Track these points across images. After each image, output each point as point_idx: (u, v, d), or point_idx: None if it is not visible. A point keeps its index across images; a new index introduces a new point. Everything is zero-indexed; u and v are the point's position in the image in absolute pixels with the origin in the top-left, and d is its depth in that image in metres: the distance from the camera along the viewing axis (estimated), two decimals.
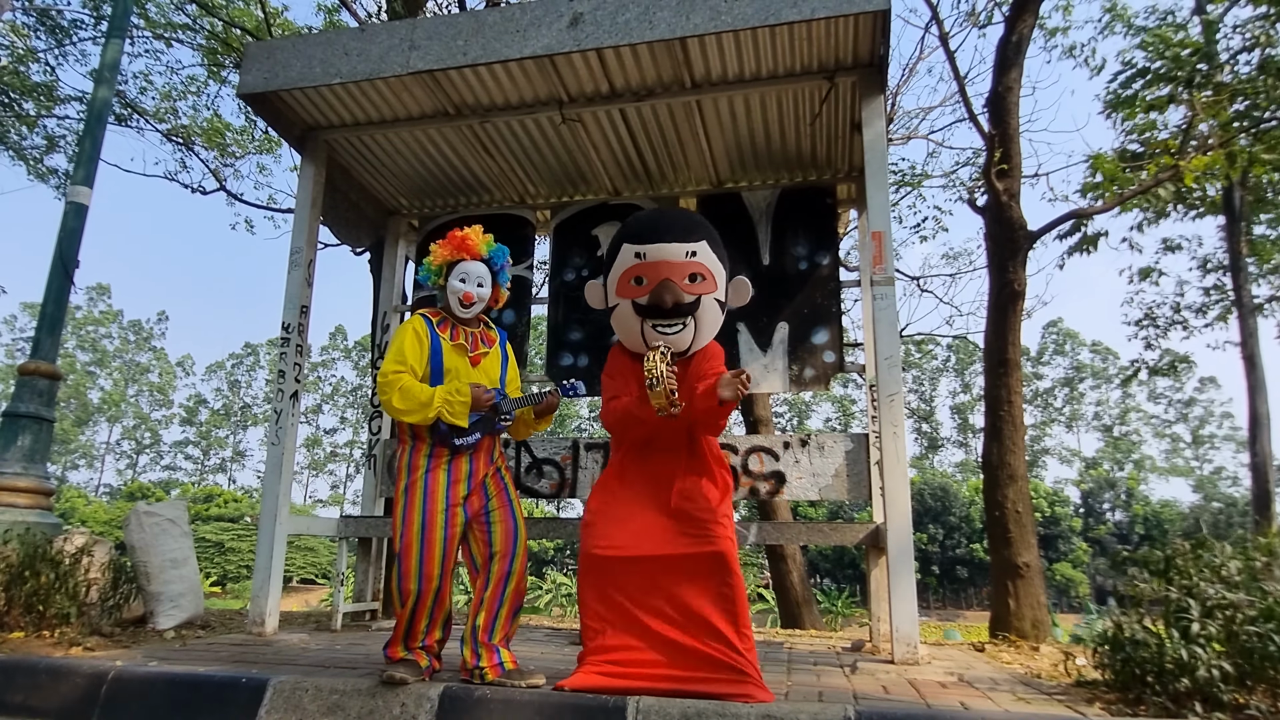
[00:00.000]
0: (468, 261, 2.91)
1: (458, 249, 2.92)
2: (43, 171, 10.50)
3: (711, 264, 2.80)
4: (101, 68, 5.47)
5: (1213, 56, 7.76)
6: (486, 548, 2.81)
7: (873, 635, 4.38)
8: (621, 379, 2.88)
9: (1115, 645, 2.75)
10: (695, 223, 2.87)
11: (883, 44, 3.86)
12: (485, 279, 2.93)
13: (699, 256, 2.77)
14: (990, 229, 6.07)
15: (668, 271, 2.74)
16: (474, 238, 2.94)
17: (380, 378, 2.79)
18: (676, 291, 2.73)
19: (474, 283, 2.91)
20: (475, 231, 2.97)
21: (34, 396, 4.72)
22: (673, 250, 2.75)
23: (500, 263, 2.99)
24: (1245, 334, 10.31)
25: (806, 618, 8.26)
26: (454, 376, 2.85)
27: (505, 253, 3.02)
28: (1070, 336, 53.77)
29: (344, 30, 4.47)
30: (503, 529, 2.84)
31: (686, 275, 2.75)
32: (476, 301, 2.92)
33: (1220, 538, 2.98)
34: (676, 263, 2.74)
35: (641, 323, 2.79)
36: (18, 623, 3.52)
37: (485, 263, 2.94)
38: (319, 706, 2.53)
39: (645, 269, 2.76)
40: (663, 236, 2.77)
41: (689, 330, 2.78)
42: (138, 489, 44.42)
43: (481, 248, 2.94)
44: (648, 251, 2.76)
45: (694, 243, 2.77)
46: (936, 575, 36.31)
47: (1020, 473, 5.55)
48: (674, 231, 2.78)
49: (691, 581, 2.55)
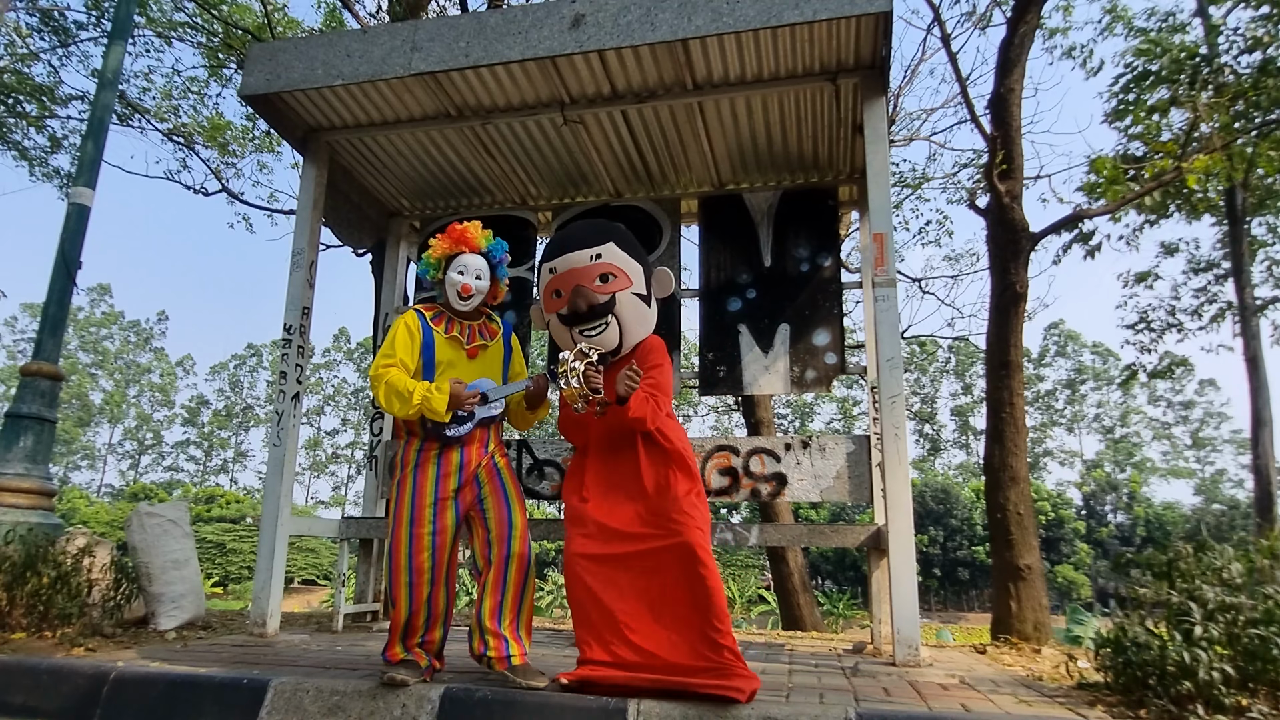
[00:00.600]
0: (466, 254, 2.93)
1: (456, 242, 2.94)
2: (47, 172, 10.53)
3: (621, 261, 2.91)
4: (105, 70, 5.47)
5: (1214, 58, 7.76)
6: (485, 537, 2.81)
7: (874, 637, 4.37)
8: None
9: (1117, 648, 2.75)
10: (599, 228, 2.99)
11: (884, 45, 3.86)
12: (483, 272, 2.95)
13: (605, 256, 2.88)
14: (992, 231, 6.07)
15: (577, 278, 2.87)
16: (473, 231, 2.95)
17: (371, 371, 2.84)
18: (588, 294, 2.85)
19: (472, 275, 2.92)
20: (474, 226, 2.98)
21: (36, 397, 4.72)
22: (578, 257, 2.88)
23: (498, 256, 3.00)
24: (1247, 336, 10.30)
25: (808, 619, 8.26)
26: (447, 369, 2.86)
27: (504, 247, 3.04)
28: (1072, 338, 53.73)
29: (346, 32, 4.47)
30: (496, 515, 2.82)
31: (596, 277, 2.87)
32: (474, 293, 2.93)
33: (1222, 540, 2.98)
34: (583, 268, 2.87)
35: (570, 331, 2.92)
36: (19, 623, 3.53)
37: (484, 256, 2.96)
38: (320, 707, 2.54)
39: (559, 281, 2.92)
40: (568, 248, 2.91)
41: (612, 328, 2.88)
42: (139, 490, 44.49)
43: (480, 241, 2.96)
44: (557, 265, 2.92)
45: (598, 246, 2.89)
46: (938, 577, 36.28)
47: (1022, 475, 5.55)
48: (578, 241, 2.92)
49: (662, 574, 2.57)
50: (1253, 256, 11.07)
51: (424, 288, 5.63)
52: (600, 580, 2.62)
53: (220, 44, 9.28)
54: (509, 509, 2.84)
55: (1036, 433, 51.20)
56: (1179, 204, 9.93)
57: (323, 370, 58.27)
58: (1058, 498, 38.97)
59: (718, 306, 4.99)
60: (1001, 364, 5.74)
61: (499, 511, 2.83)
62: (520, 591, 2.77)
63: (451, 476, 2.80)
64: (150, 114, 9.98)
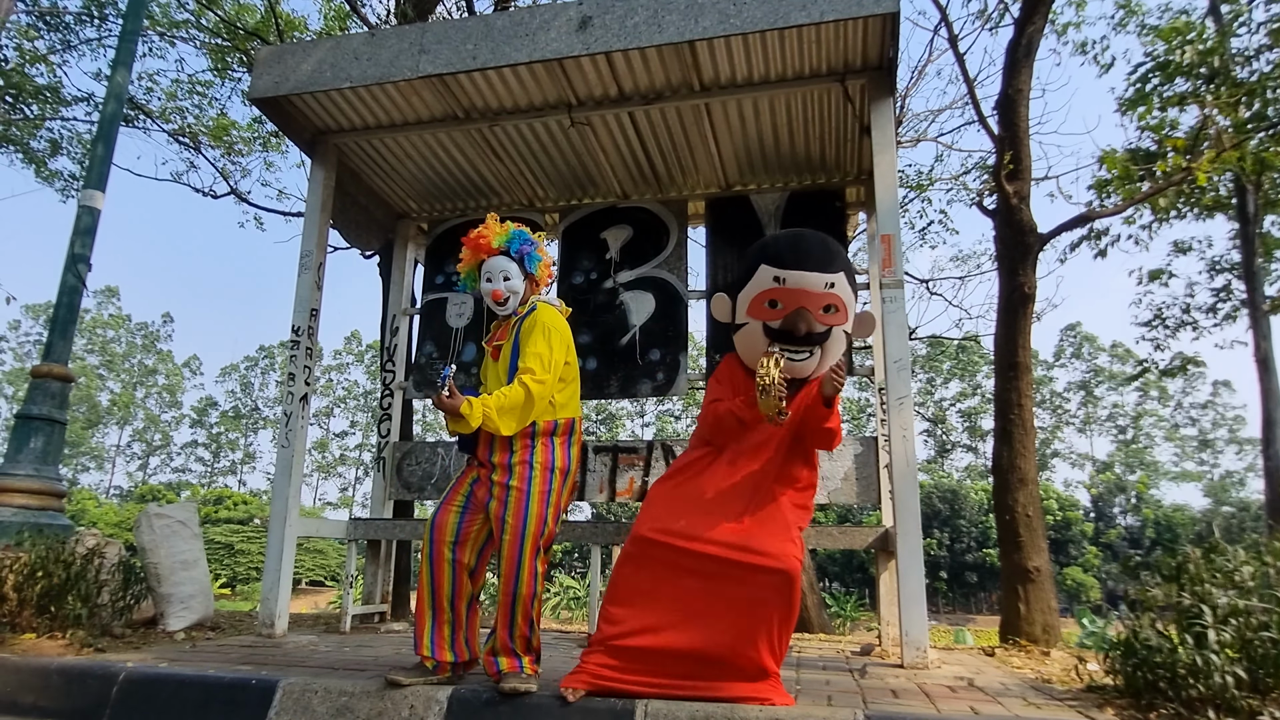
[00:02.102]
0: (486, 260, 2.89)
1: (474, 251, 2.90)
2: (46, 175, 10.61)
3: (847, 297, 2.82)
4: (114, 73, 5.51)
5: (1225, 55, 7.71)
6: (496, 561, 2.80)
7: (882, 639, 4.36)
8: (729, 386, 2.93)
9: (1127, 651, 2.73)
10: (835, 253, 2.85)
11: (892, 47, 3.85)
12: (510, 270, 2.86)
13: (837, 288, 2.78)
14: (1000, 231, 6.05)
15: (805, 300, 2.76)
16: (486, 234, 2.88)
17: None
18: (811, 321, 2.76)
19: (499, 279, 2.85)
20: (488, 226, 2.90)
21: (46, 399, 4.75)
22: (813, 280, 2.76)
23: (518, 248, 2.89)
24: (1259, 336, 10.23)
25: (815, 621, 8.24)
26: (483, 376, 2.99)
27: (523, 237, 2.90)
28: (1089, 340, 53.39)
29: (354, 35, 4.49)
30: (497, 533, 2.72)
31: (822, 306, 2.78)
32: (508, 295, 2.86)
33: (1233, 542, 2.96)
34: (815, 293, 2.76)
35: (771, 344, 2.80)
36: (30, 624, 3.54)
37: (505, 254, 2.88)
38: (328, 708, 2.54)
39: (782, 294, 2.78)
40: (804, 264, 2.77)
41: (815, 359, 2.82)
42: (148, 491, 44.65)
43: (495, 241, 2.87)
44: (787, 277, 2.77)
45: (834, 274, 2.78)
46: (945, 580, 36.14)
47: (1031, 476, 5.52)
48: (816, 260, 2.78)
49: (743, 591, 2.46)
50: (1269, 254, 10.98)
51: (432, 290, 5.64)
52: (669, 570, 2.53)
53: (223, 44, 9.31)
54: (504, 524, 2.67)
55: (1046, 435, 50.95)
56: (1190, 202, 9.87)
57: (334, 372, 58.45)
58: (1067, 499, 38.78)
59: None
60: (1010, 365, 5.71)
61: (495, 534, 2.73)
62: (508, 616, 2.66)
63: (469, 482, 2.84)
64: (156, 115, 10.02)
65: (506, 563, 2.67)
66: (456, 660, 2.72)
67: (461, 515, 2.78)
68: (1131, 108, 7.67)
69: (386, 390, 5.62)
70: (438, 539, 2.75)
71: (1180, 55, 7.00)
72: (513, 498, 2.68)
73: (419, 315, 5.72)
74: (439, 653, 2.71)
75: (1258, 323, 10.28)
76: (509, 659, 2.68)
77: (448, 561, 2.74)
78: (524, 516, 2.67)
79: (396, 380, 5.62)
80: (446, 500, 2.83)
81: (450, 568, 2.74)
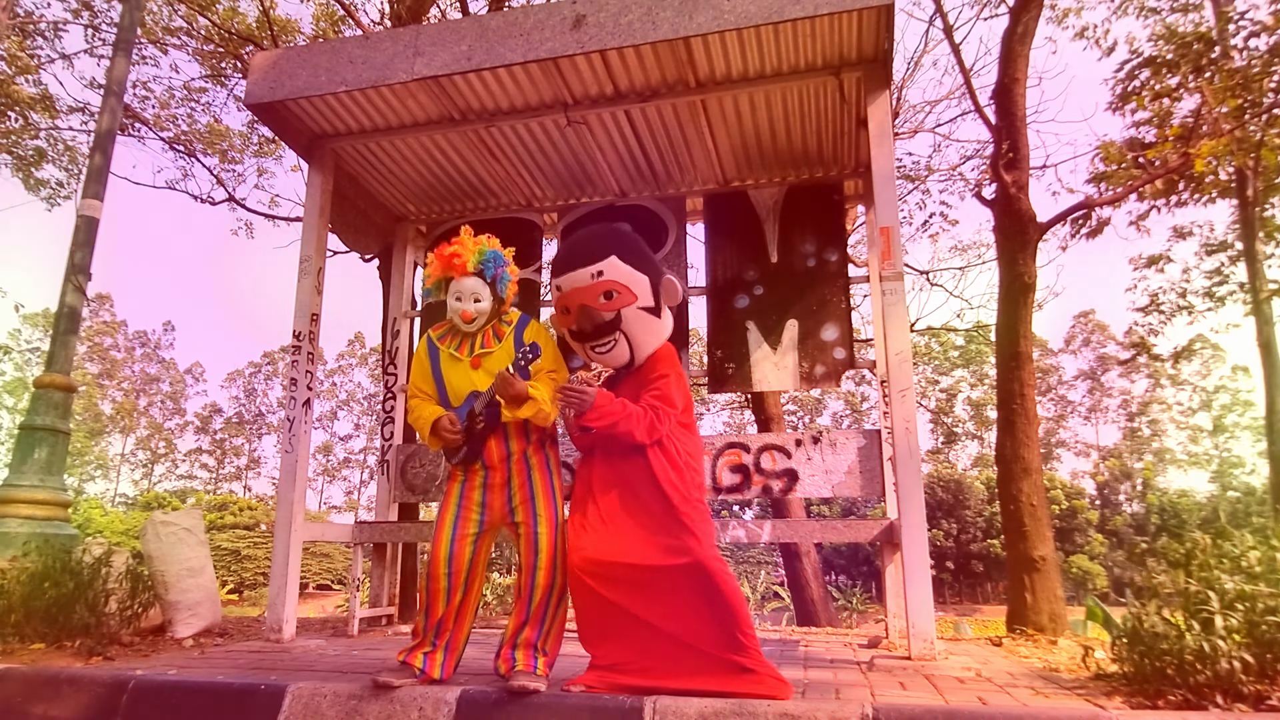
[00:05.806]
0: (458, 279, 2.84)
1: (445, 268, 2.84)
2: (34, 183, 10.64)
3: (624, 276, 2.87)
4: (109, 83, 5.50)
5: (1218, 42, 7.69)
6: (519, 561, 2.80)
7: (889, 632, 4.36)
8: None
9: (1134, 638, 2.73)
10: (599, 241, 2.95)
11: (887, 38, 3.85)
12: (481, 293, 2.84)
13: (607, 273, 2.85)
14: (999, 221, 6.04)
15: (580, 298, 2.87)
16: (461, 253, 2.82)
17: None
18: (592, 314, 2.84)
19: (469, 300, 2.83)
20: (463, 243, 2.85)
21: (49, 409, 4.75)
22: (579, 276, 2.87)
23: (493, 272, 2.85)
24: (1260, 321, 10.20)
25: (822, 615, 8.25)
26: (450, 386, 2.86)
27: (498, 260, 2.88)
28: (1101, 329, 53.09)
29: (349, 38, 4.49)
30: (525, 537, 2.76)
31: (599, 295, 2.85)
32: (476, 317, 2.85)
33: (1238, 527, 2.96)
34: (586, 287, 2.86)
35: (584, 348, 2.94)
36: (38, 633, 3.56)
37: (478, 275, 2.84)
38: (337, 712, 2.55)
39: (565, 299, 2.93)
40: (570, 266, 2.90)
41: (621, 344, 2.89)
42: (153, 498, 44.67)
43: (469, 262, 2.81)
44: (561, 283, 2.93)
45: (599, 262, 2.86)
46: (951, 570, 36.12)
47: (1034, 466, 5.52)
48: (580, 257, 2.90)
49: (676, 593, 2.55)
50: (1270, 237, 10.92)
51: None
52: (615, 586, 2.60)
53: (216, 49, 9.31)
54: (535, 525, 2.74)
55: (1050, 424, 50.83)
56: (1189, 188, 9.83)
57: (337, 375, 58.46)
58: (1072, 488, 38.72)
59: (725, 304, 4.98)
60: (1011, 355, 5.71)
61: (527, 528, 2.75)
62: (540, 621, 2.72)
63: (476, 489, 2.82)
64: (150, 124, 10.02)
65: (545, 555, 2.72)
66: (442, 678, 2.74)
67: (475, 544, 2.79)
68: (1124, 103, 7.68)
69: (389, 393, 5.63)
70: (455, 571, 2.73)
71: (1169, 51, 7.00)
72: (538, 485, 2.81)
73: (420, 318, 5.72)
74: (430, 670, 2.72)
75: (1259, 307, 10.24)
76: (528, 654, 2.70)
77: (460, 591, 2.75)
78: (554, 505, 2.81)
79: (398, 383, 5.63)
80: (458, 531, 2.77)
81: (461, 596, 2.77)
